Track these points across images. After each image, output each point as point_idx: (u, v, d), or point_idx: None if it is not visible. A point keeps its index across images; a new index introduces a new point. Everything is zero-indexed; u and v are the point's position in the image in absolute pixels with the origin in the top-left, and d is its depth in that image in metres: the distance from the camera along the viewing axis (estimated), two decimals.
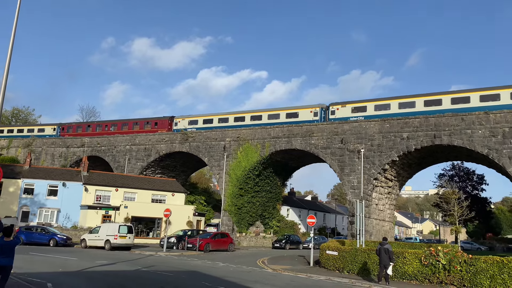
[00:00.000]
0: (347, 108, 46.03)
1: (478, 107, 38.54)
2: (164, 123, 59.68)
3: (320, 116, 47.46)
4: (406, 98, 43.52)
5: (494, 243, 64.85)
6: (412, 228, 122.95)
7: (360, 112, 45.15)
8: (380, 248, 17.92)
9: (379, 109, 43.96)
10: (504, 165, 36.08)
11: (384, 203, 46.15)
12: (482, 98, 38.82)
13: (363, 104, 45.62)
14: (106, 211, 43.30)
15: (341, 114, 45.96)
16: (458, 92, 41.40)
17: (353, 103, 46.64)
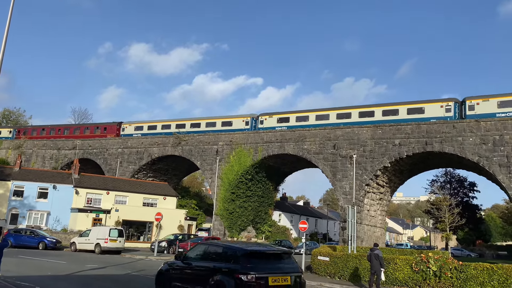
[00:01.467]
0: (274, 119, 50.01)
1: (405, 118, 42.25)
2: (112, 128, 62.67)
3: (250, 125, 51.25)
4: (323, 111, 48.02)
5: (484, 250, 65.29)
6: (403, 234, 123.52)
7: (284, 122, 49.04)
8: (370, 254, 17.94)
9: (299, 120, 48.06)
10: (494, 172, 36.41)
11: (375, 209, 46.31)
12: (384, 112, 43.65)
13: (287, 116, 49.50)
14: (96, 214, 42.95)
15: (268, 124, 49.88)
16: (388, 105, 44.70)
17: (279, 114, 50.41)
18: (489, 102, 38.84)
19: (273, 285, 9.71)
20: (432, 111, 41.44)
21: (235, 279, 9.52)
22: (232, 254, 10.39)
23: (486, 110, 38.72)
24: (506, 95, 38.89)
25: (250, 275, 9.48)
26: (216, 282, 9.87)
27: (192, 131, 54.66)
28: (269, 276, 9.68)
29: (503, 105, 38.15)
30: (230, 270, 9.85)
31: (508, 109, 37.73)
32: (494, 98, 38.99)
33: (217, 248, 11.15)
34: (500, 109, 38.17)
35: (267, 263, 10.18)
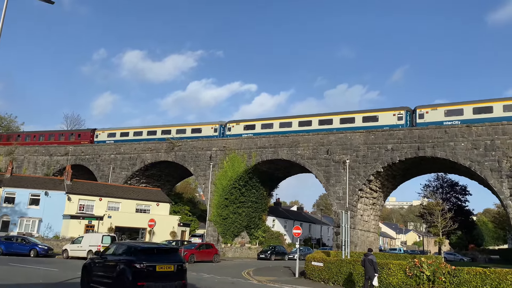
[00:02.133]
0: (240, 126, 51.77)
1: (361, 126, 44.24)
2: (86, 135, 63.69)
3: (219, 132, 53.03)
4: (286, 118, 50.13)
5: (477, 254, 65.68)
6: (396, 239, 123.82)
7: (250, 129, 50.79)
8: (364, 259, 17.97)
9: (264, 128, 49.97)
10: (486, 177, 36.71)
11: (369, 214, 46.43)
12: (342, 120, 45.78)
13: (253, 123, 51.44)
14: (89, 221, 42.60)
15: (235, 131, 51.62)
16: (345, 113, 46.71)
17: (245, 121, 52.39)
18: (437, 111, 41.43)
19: (160, 271, 13.60)
20: (385, 119, 43.51)
21: (132, 267, 13.32)
22: (132, 250, 14.20)
23: (434, 118, 41.08)
24: (452, 104, 41.58)
25: (142, 264, 13.33)
26: (120, 269, 13.65)
27: (163, 137, 55.98)
28: (156, 265, 13.54)
29: (449, 114, 40.74)
30: (129, 261, 13.61)
31: (453, 117, 40.30)
32: (442, 107, 41.62)
33: (123, 246, 15.02)
34: (446, 118, 40.70)
35: (156, 256, 14.08)
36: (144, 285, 13.06)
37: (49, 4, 14.89)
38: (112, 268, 14.15)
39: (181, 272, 14.09)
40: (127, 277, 13.24)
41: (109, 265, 14.50)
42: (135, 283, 13.03)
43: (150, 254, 14.03)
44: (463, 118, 39.72)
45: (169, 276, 13.70)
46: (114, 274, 13.82)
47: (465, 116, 39.67)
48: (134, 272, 13.19)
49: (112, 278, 13.86)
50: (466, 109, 39.97)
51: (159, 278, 13.48)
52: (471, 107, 39.74)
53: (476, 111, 39.35)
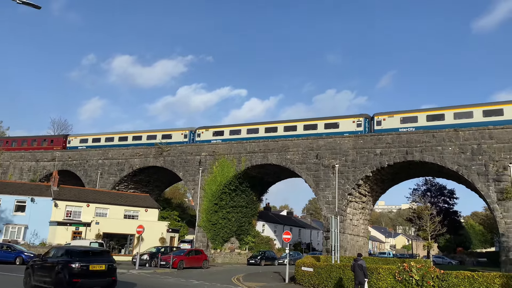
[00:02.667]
0: (210, 132, 53.04)
1: (323, 132, 45.90)
2: (59, 141, 63.76)
3: (189, 138, 54.13)
4: (253, 125, 51.50)
5: (465, 257, 66.28)
6: (386, 242, 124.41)
7: (219, 135, 52.01)
8: (354, 264, 17.97)
9: (232, 134, 51.38)
10: (473, 181, 37.10)
11: (358, 218, 46.57)
12: (306, 127, 47.06)
13: (221, 129, 52.79)
14: (76, 227, 41.98)
15: (204, 137, 52.93)
16: (309, 120, 48.27)
17: (214, 127, 53.76)
18: (394, 118, 42.94)
19: (93, 270, 16.29)
20: (345, 126, 44.94)
21: (68, 267, 15.83)
22: (69, 252, 16.82)
23: (391, 125, 42.67)
24: (407, 112, 43.11)
25: (77, 264, 15.98)
26: (58, 269, 16.02)
27: (135, 143, 57.13)
28: (90, 265, 16.25)
29: (404, 121, 42.38)
30: (66, 261, 16.12)
31: (408, 124, 41.93)
32: (398, 115, 43.09)
33: (62, 250, 17.66)
34: (402, 124, 42.29)
35: (90, 257, 16.85)
36: (78, 281, 15.73)
37: (36, 9, 14.69)
38: (51, 268, 16.43)
39: (112, 271, 16.92)
40: (64, 275, 15.72)
41: (49, 266, 16.74)
42: (71, 280, 15.62)
43: (85, 256, 16.75)
44: (417, 125, 41.38)
45: (101, 274, 16.47)
46: (53, 273, 16.17)
47: (419, 123, 41.37)
48: (70, 271, 15.73)
49: (52, 277, 16.21)
50: (420, 116, 41.79)
51: (92, 275, 16.23)
52: (424, 115, 41.64)
53: (430, 118, 41.15)
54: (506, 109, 38.23)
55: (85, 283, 15.96)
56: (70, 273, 15.69)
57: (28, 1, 14.27)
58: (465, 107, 40.72)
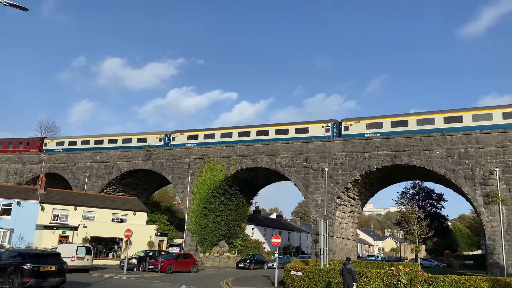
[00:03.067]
0: (184, 136, 53.75)
1: (293, 137, 47.03)
2: (35, 144, 63.30)
3: (164, 141, 54.82)
4: (227, 129, 52.81)
5: (452, 260, 66.98)
6: (374, 245, 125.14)
7: (194, 139, 52.86)
8: (343, 269, 18.03)
9: (207, 138, 52.38)
10: (460, 185, 37.52)
11: (347, 222, 46.75)
12: (277, 132, 48.40)
13: (196, 133, 53.59)
14: (63, 231, 41.43)
15: (179, 141, 53.60)
16: (280, 125, 49.68)
17: (189, 131, 54.33)
18: (360, 123, 44.30)
19: (43, 270, 17.92)
20: (315, 131, 46.00)
21: (20, 268, 17.43)
22: (22, 255, 18.54)
23: (357, 130, 43.93)
24: (372, 118, 44.53)
25: (28, 265, 17.56)
26: (11, 270, 17.61)
27: (111, 146, 57.72)
28: (40, 266, 17.87)
29: (370, 127, 43.68)
30: (19, 263, 17.75)
31: (373, 130, 43.27)
32: (364, 121, 44.50)
33: (15, 253, 19.21)
34: (368, 130, 43.53)
35: (41, 259, 18.45)
36: (29, 281, 17.22)
37: (23, 11, 14.51)
38: (5, 270, 17.92)
39: (61, 271, 18.57)
40: (16, 275, 17.23)
41: (2, 267, 18.19)
42: (23, 280, 17.10)
43: (36, 258, 18.37)
44: (382, 130, 42.81)
45: (51, 274, 18.08)
46: (6, 273, 17.68)
47: (384, 129, 42.80)
48: (22, 271, 17.31)
49: (5, 277, 17.70)
50: (385, 122, 43.17)
51: (43, 276, 17.78)
52: (389, 121, 42.99)
53: (394, 124, 42.62)
54: (466, 116, 39.64)
55: (36, 283, 17.42)
56: (22, 274, 17.18)
57: (15, 3, 14.09)
58: (427, 113, 42.56)
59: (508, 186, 35.78)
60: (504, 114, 38.19)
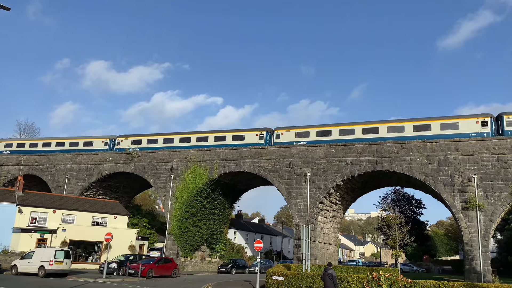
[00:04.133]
0: (128, 140, 55.75)
1: (232, 144, 49.43)
2: None
3: (109, 146, 56.66)
4: (169, 135, 54.51)
5: (431, 265, 67.98)
6: (355, 250, 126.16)
7: (137, 144, 54.84)
8: (324, 274, 18.13)
9: (150, 143, 54.33)
10: (439, 191, 38.21)
11: (329, 227, 47.06)
12: (216, 138, 50.91)
13: (139, 138, 55.68)
14: (41, 235, 40.57)
15: (123, 145, 55.50)
16: (220, 132, 52.13)
17: (133, 136, 56.59)
18: (290, 132, 47.33)
19: None
20: (250, 139, 49.09)
21: None
22: None
23: (287, 139, 46.94)
24: (300, 127, 47.71)
25: None
26: None
27: (57, 149, 58.87)
28: None
29: (298, 135, 46.56)
30: None
31: (301, 138, 46.28)
32: (293, 130, 47.53)
33: None
34: (296, 138, 46.51)
35: None
36: None
37: (5, 10, 14.25)
38: None
39: None
40: None
41: None
42: None
43: None
44: (308, 139, 45.79)
45: None
46: None
47: (310, 138, 45.82)
48: None
49: None
50: (311, 132, 46.34)
51: None
52: (315, 130, 46.25)
53: (319, 133, 45.80)
54: (382, 128, 43.26)
55: None
56: None
57: None
58: (347, 124, 45.92)
59: (485, 193, 36.61)
60: (414, 127, 41.93)
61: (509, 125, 38.41)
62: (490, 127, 39.07)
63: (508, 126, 38.41)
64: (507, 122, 38.57)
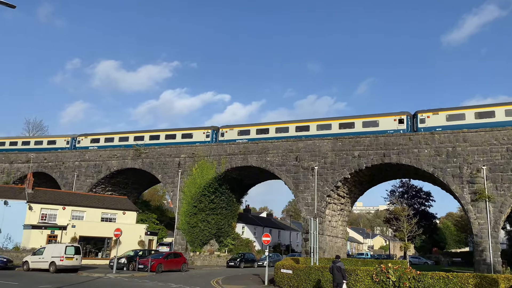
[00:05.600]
0: (88, 139, 58.65)
1: (180, 142, 52.73)
2: None
3: (71, 144, 59.78)
4: (124, 133, 56.95)
5: (440, 257, 67.74)
6: (364, 243, 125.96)
7: (96, 142, 57.68)
8: (333, 267, 18.14)
9: (107, 141, 57.02)
10: (448, 183, 37.96)
11: (337, 220, 47.02)
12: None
13: (97, 137, 58.32)
14: (52, 231, 41.04)
15: (83, 144, 58.71)
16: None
17: (92, 135, 59.23)
18: (233, 130, 50.47)
19: None
20: (197, 137, 52.30)
21: None
22: None
23: (231, 136, 50.04)
24: (243, 126, 50.79)
25: None
26: None
27: (24, 148, 61.77)
28: None
29: (241, 133, 49.73)
30: None
31: (243, 136, 49.32)
32: (236, 128, 50.54)
33: None
34: (238, 136, 49.65)
35: None
36: None
37: (11, 8, 14.34)
38: None
39: None
40: None
41: None
42: None
43: None
44: (249, 137, 48.83)
45: None
46: None
47: (251, 136, 48.81)
48: None
49: None
50: (252, 130, 49.29)
51: None
52: (255, 129, 49.23)
53: (258, 131, 48.88)
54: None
55: None
56: None
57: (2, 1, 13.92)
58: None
59: (495, 184, 36.30)
60: (340, 125, 45.00)
61: (422, 122, 41.26)
62: (406, 124, 42.00)
63: (421, 123, 41.26)
64: (421, 120, 41.43)
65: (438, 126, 40.29)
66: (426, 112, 41.68)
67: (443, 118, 40.52)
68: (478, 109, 40.10)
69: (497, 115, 38.71)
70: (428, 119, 41.24)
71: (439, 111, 41.19)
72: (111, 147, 55.52)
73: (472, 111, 39.96)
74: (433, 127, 40.50)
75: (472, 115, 39.61)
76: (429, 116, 41.35)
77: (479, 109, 40.15)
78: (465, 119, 39.63)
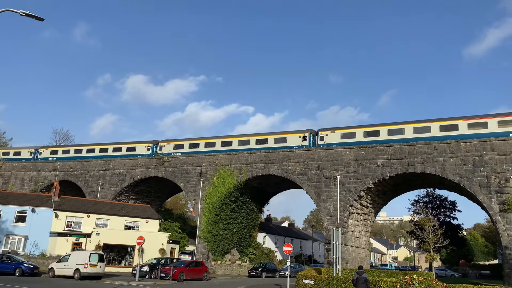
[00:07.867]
0: (48, 151, 64.05)
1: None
2: None
3: (34, 156, 63.66)
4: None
5: (467, 270, 65.70)
6: (387, 254, 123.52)
7: (66, 154, 62.62)
8: (357, 278, 17.82)
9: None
10: (475, 192, 36.92)
11: (360, 230, 46.28)
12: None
13: (68, 148, 64.06)
14: (76, 238, 41.82)
15: (44, 155, 63.36)
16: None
17: (56, 147, 65.60)
18: (170, 144, 55.19)
19: None
20: (140, 150, 57.34)
21: None
22: None
23: (167, 150, 54.91)
24: (183, 140, 55.83)
25: None
26: None
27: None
28: None
29: (190, 147, 54.04)
30: None
31: (193, 149, 53.26)
32: (182, 142, 54.98)
33: None
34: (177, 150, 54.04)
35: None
36: None
37: (39, 20, 14.85)
38: None
39: None
40: None
41: None
42: None
43: None
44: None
45: None
46: None
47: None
48: None
49: None
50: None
51: None
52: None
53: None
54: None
55: None
56: None
57: (30, 13, 14.42)
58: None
59: None
60: (256, 141, 49.81)
61: (321, 139, 46.20)
62: (309, 141, 46.60)
63: (321, 140, 46.23)
64: (321, 137, 46.39)
65: (334, 143, 45.06)
66: (325, 130, 46.88)
67: (338, 136, 45.44)
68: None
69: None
70: (326, 136, 46.09)
71: (336, 130, 46.30)
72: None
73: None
74: (331, 143, 45.28)
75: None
76: (327, 134, 46.20)
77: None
78: (355, 137, 44.39)
